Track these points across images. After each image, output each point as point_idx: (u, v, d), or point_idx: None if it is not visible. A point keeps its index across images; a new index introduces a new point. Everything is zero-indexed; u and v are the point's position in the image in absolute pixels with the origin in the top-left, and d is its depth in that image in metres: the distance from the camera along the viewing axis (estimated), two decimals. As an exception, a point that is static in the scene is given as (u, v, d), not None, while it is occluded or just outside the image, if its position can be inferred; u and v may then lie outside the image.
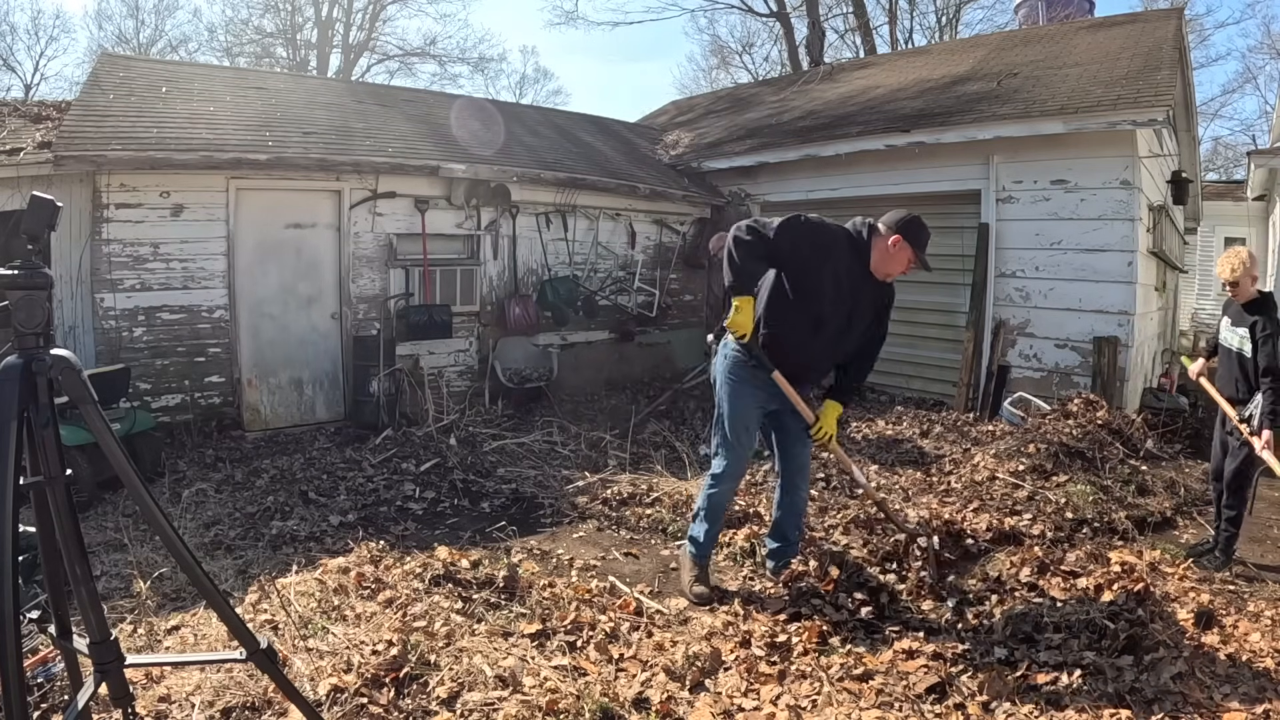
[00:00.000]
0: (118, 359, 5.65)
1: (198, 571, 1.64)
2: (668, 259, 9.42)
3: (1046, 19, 12.90)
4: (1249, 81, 24.32)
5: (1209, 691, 2.51)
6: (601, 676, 2.61)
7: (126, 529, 4.09)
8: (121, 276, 5.82)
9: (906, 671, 2.68)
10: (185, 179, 5.96)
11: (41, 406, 1.48)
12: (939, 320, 7.66)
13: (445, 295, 7.37)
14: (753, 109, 11.74)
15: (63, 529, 1.52)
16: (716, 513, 3.46)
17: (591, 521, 4.50)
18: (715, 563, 3.74)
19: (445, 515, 4.69)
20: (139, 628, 2.87)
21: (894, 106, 8.76)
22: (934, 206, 7.71)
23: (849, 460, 3.45)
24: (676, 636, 2.96)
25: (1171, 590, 3.36)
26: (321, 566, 3.43)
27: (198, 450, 5.69)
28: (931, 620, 3.10)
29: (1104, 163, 6.53)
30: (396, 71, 26.70)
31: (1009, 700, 2.49)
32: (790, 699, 2.53)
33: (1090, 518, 4.34)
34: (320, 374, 6.79)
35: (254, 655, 1.69)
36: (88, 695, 1.55)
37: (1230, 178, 18.79)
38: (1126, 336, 6.47)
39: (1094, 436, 5.47)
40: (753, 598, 3.38)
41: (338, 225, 6.78)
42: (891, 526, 3.71)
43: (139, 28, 25.34)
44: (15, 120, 6.45)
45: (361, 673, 2.47)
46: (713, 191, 9.77)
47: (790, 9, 19.60)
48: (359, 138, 7.29)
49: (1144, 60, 7.32)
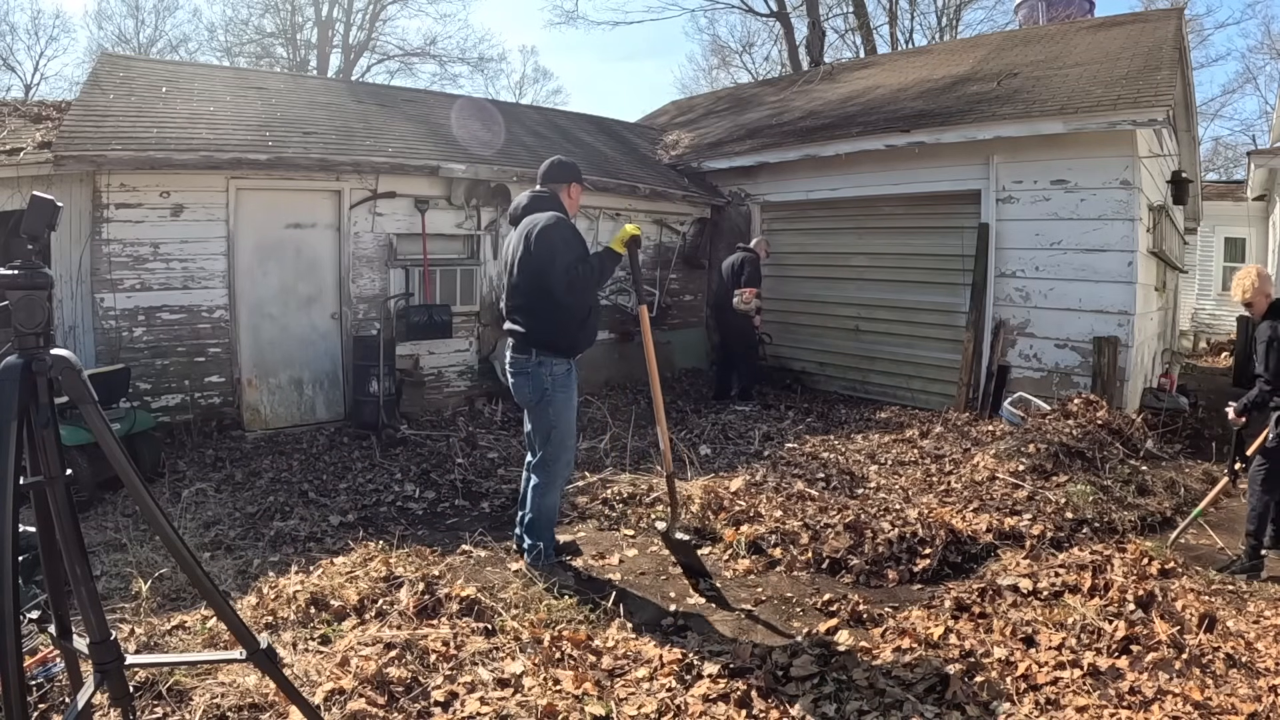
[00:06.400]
0: (118, 359, 5.65)
1: (198, 571, 1.64)
2: (668, 259, 9.42)
3: (1047, 19, 12.90)
4: (1249, 81, 24.42)
5: (1209, 691, 2.51)
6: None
7: (126, 529, 4.10)
8: (121, 276, 5.81)
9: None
10: (185, 179, 5.96)
11: (41, 406, 1.48)
12: (939, 320, 7.66)
13: (445, 295, 7.38)
14: (753, 109, 11.74)
15: (63, 529, 1.52)
16: (554, 516, 3.79)
17: (591, 521, 4.49)
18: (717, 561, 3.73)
19: (445, 515, 4.69)
20: (139, 628, 2.87)
21: (894, 107, 8.76)
22: (934, 206, 7.73)
23: (662, 411, 3.68)
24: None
25: (1172, 591, 3.36)
26: (321, 567, 3.43)
27: (198, 450, 5.69)
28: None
29: (1104, 163, 6.53)
30: (396, 71, 26.75)
31: (1009, 700, 2.49)
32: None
33: (1090, 518, 4.34)
34: (320, 374, 6.79)
35: (254, 655, 1.69)
36: (88, 695, 1.55)
37: (1230, 178, 18.81)
38: (1126, 336, 6.47)
39: (1094, 436, 5.47)
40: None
41: (338, 225, 6.78)
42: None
43: (139, 28, 25.39)
44: (15, 120, 6.44)
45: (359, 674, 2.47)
46: (713, 192, 9.77)
47: (790, 9, 19.61)
48: (359, 138, 7.29)
49: (1144, 60, 7.32)
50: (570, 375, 3.61)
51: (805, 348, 8.84)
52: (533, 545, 3.68)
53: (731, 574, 3.75)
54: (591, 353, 8.73)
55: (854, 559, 3.76)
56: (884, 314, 8.17)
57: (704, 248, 9.74)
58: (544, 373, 3.54)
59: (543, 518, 3.68)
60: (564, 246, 3.41)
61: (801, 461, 5.59)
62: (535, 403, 3.61)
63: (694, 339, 9.78)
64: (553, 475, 3.65)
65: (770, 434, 6.50)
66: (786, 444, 6.13)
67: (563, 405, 3.59)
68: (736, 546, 3.94)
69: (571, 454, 3.76)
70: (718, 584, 3.56)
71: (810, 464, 5.52)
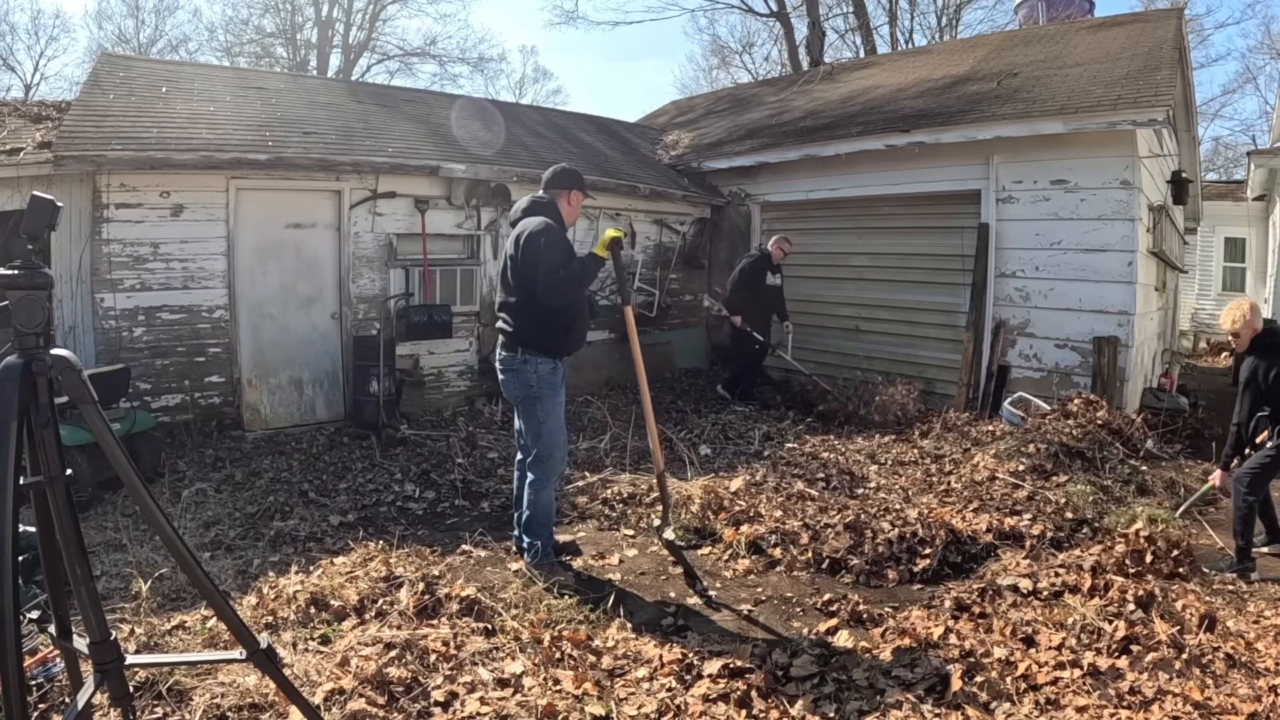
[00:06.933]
0: (118, 359, 5.65)
1: (198, 571, 1.64)
2: (668, 259, 9.42)
3: (1046, 19, 12.90)
4: (1249, 81, 24.41)
5: (1209, 691, 2.51)
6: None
7: (126, 529, 4.10)
8: (121, 276, 5.81)
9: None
10: (185, 179, 5.95)
11: (41, 406, 1.48)
12: (939, 320, 7.66)
13: (445, 295, 7.38)
14: (753, 109, 11.74)
15: (63, 529, 1.52)
16: (550, 515, 3.78)
17: (591, 521, 4.50)
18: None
19: (445, 515, 4.69)
20: (139, 628, 2.87)
21: (894, 107, 8.76)
22: (934, 206, 7.73)
23: (652, 416, 3.71)
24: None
25: (1173, 591, 3.36)
26: (321, 567, 3.43)
27: (198, 450, 5.69)
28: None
29: (1104, 163, 6.53)
30: (396, 72, 26.75)
31: (1009, 700, 2.49)
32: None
33: (1090, 518, 4.34)
34: (320, 374, 6.79)
35: (254, 655, 1.69)
36: (88, 695, 1.55)
37: (1230, 178, 18.80)
38: (1126, 336, 6.47)
39: (1094, 436, 5.47)
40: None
41: (338, 225, 6.78)
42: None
43: (139, 28, 25.38)
44: (15, 120, 6.44)
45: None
46: (713, 192, 9.77)
47: (790, 9, 19.62)
48: (359, 138, 7.29)
49: (1144, 60, 7.32)
50: (556, 374, 3.66)
51: (805, 348, 8.83)
52: (531, 544, 3.70)
53: (731, 574, 3.75)
54: (591, 353, 8.78)
55: (854, 559, 3.76)
56: (884, 314, 8.17)
57: (704, 248, 9.74)
58: (529, 371, 3.61)
59: (539, 515, 3.70)
60: (547, 252, 3.49)
61: (801, 461, 5.59)
62: (522, 400, 3.68)
63: (694, 339, 9.77)
64: (546, 472, 3.68)
65: (770, 434, 6.50)
66: (786, 444, 6.13)
67: (550, 403, 3.64)
68: (736, 546, 3.95)
69: (563, 450, 3.81)
70: (711, 592, 3.53)
71: (810, 464, 5.52)
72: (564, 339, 3.67)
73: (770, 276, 7.87)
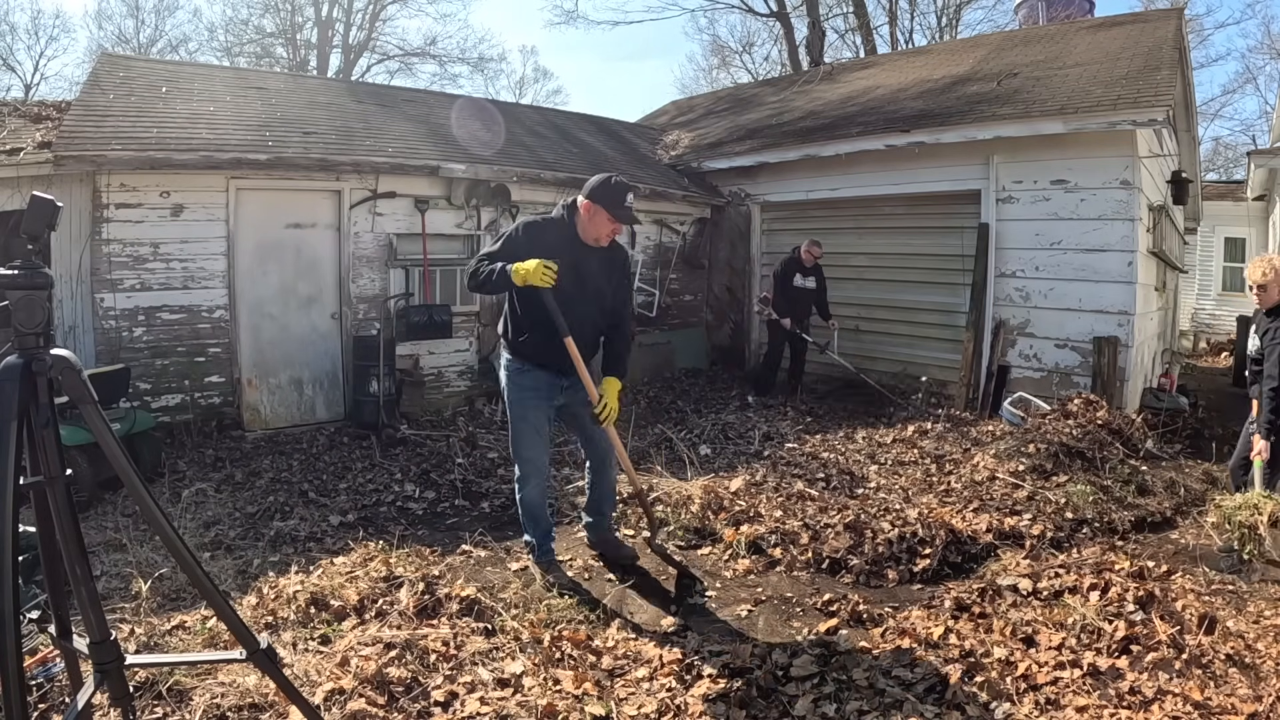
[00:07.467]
0: (118, 359, 5.65)
1: (198, 571, 1.64)
2: (668, 259, 9.42)
3: (1046, 19, 12.90)
4: (1249, 81, 24.44)
5: (1209, 691, 2.50)
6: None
7: (126, 529, 4.09)
8: (121, 276, 5.81)
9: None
10: (185, 179, 5.95)
11: (41, 406, 1.48)
12: (939, 320, 7.67)
13: (445, 295, 7.38)
14: (753, 109, 11.74)
15: (63, 529, 1.52)
16: (537, 512, 3.68)
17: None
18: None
19: (445, 515, 4.69)
20: (139, 628, 2.87)
21: (894, 107, 8.76)
22: (934, 206, 7.73)
23: (620, 445, 3.63)
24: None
25: (1173, 591, 3.36)
26: (321, 567, 3.43)
27: (198, 450, 5.69)
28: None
29: (1104, 163, 6.53)
30: (396, 72, 26.76)
31: (1009, 700, 2.49)
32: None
33: (1090, 518, 4.34)
34: (320, 374, 6.79)
35: (254, 655, 1.69)
36: (88, 695, 1.55)
37: (1230, 178, 18.80)
38: (1126, 336, 6.47)
39: (1094, 436, 5.47)
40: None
41: (338, 225, 6.78)
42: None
43: (139, 28, 25.39)
44: (15, 120, 6.44)
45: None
46: (713, 191, 9.78)
47: (790, 9, 19.63)
48: (359, 138, 7.29)
49: (1144, 60, 7.32)
50: (524, 377, 3.48)
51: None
52: (528, 541, 3.73)
53: (731, 574, 3.75)
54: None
55: (854, 559, 3.76)
56: (884, 314, 8.18)
57: (704, 248, 9.74)
58: (499, 365, 3.65)
59: (524, 514, 3.71)
60: (492, 242, 3.48)
61: (801, 461, 5.59)
62: (501, 392, 3.69)
63: (694, 339, 9.78)
64: (520, 473, 3.65)
65: (770, 434, 6.49)
66: (786, 444, 6.13)
67: (513, 401, 3.53)
68: (736, 546, 3.94)
69: (532, 454, 3.55)
70: (704, 598, 3.53)
71: (810, 464, 5.52)
72: (526, 341, 3.45)
73: (800, 278, 7.83)
